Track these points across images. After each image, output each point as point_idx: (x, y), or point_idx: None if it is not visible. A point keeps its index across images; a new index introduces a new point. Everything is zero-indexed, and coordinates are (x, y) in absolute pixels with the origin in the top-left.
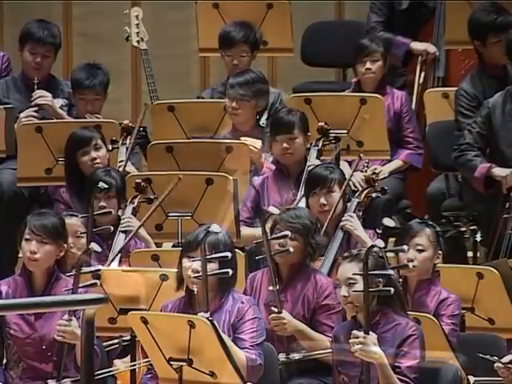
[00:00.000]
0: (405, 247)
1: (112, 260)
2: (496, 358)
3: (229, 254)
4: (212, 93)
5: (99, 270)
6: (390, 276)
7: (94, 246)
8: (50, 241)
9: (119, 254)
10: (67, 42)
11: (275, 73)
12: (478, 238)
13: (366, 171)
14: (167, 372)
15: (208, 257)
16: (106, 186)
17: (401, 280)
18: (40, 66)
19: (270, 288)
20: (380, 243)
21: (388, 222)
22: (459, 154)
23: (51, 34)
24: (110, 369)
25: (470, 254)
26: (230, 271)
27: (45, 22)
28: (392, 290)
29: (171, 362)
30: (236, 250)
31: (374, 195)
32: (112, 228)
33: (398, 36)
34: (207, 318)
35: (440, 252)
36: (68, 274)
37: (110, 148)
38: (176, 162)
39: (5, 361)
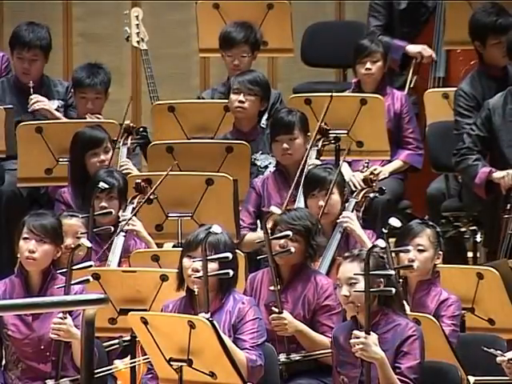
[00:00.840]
0: (409, 247)
1: (111, 258)
2: (500, 352)
3: (229, 255)
4: (212, 93)
5: (90, 265)
6: (389, 276)
7: (85, 242)
8: (48, 240)
9: (119, 254)
10: (67, 42)
11: (275, 73)
12: (478, 238)
13: (365, 171)
14: (167, 372)
15: (209, 257)
16: (107, 186)
17: (401, 280)
18: (29, 72)
19: (271, 288)
20: (381, 243)
21: (394, 221)
22: (460, 158)
23: (37, 37)
24: (109, 367)
25: (470, 254)
26: (231, 272)
27: (33, 24)
28: (393, 290)
29: (171, 363)
30: (236, 251)
31: (371, 195)
32: (112, 228)
33: (395, 40)
34: (207, 319)
35: (440, 252)
36: (59, 272)
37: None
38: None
39: (4, 362)
